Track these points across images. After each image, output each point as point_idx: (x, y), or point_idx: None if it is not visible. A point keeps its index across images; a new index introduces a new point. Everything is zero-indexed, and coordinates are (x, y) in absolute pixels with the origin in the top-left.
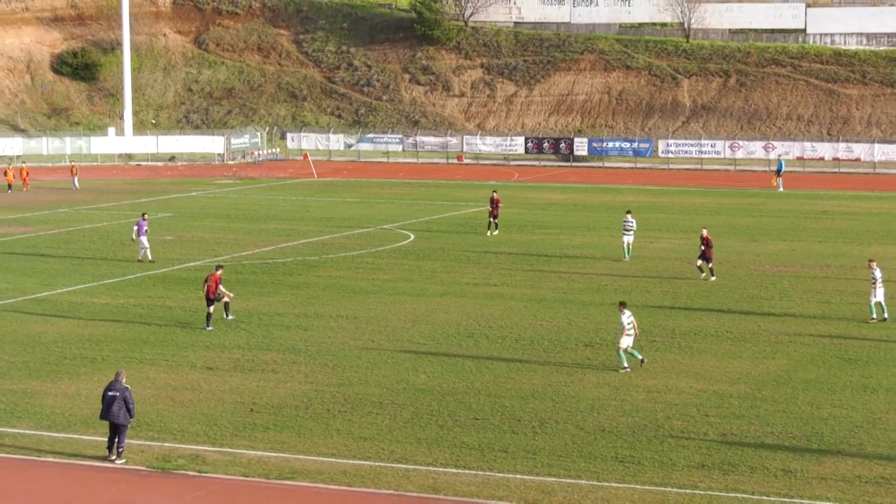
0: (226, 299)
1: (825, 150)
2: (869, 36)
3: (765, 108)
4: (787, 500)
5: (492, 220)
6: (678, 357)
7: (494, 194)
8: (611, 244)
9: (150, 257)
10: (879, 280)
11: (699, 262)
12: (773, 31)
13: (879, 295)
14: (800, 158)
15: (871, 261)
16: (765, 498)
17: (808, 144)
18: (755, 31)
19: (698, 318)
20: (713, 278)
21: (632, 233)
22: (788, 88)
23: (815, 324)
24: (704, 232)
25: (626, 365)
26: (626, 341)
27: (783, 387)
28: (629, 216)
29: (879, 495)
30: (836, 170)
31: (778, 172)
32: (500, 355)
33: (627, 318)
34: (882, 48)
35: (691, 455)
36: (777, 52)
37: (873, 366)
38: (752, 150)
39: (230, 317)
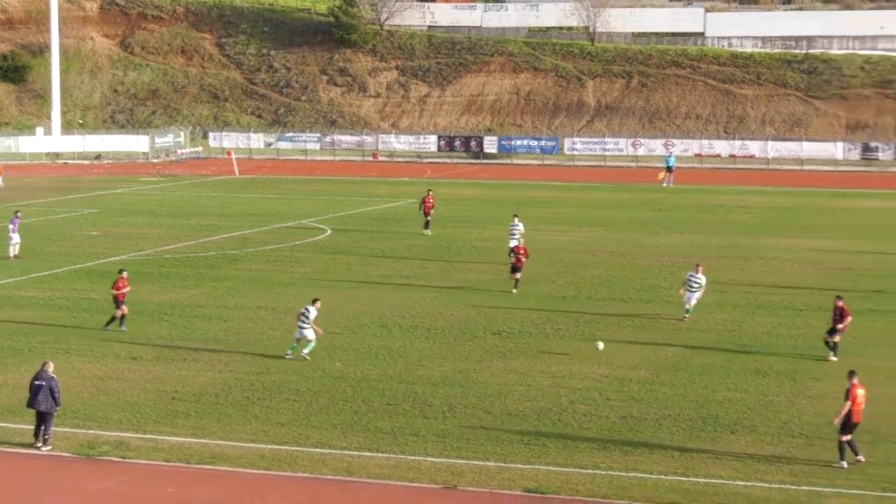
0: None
1: (722, 147)
2: (764, 39)
3: (665, 107)
4: (683, 478)
5: (426, 218)
6: (582, 344)
7: (429, 194)
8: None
9: (17, 253)
10: (701, 286)
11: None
12: (673, 34)
13: (693, 299)
14: (698, 155)
15: (697, 265)
16: (662, 477)
17: (705, 142)
18: (657, 34)
19: (600, 307)
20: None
21: (517, 236)
22: (688, 89)
23: (711, 311)
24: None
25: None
26: None
27: (681, 372)
28: (516, 220)
29: (770, 473)
30: (733, 166)
31: (668, 169)
32: (411, 344)
33: None
34: (776, 50)
35: (593, 437)
36: (677, 55)
37: (765, 352)
38: (653, 147)
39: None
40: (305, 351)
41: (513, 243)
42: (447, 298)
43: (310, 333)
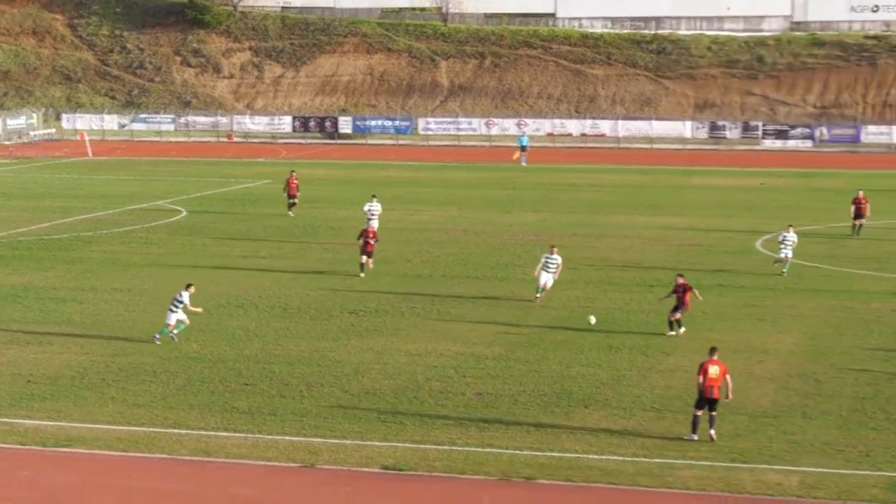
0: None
1: (573, 126)
2: (613, 20)
3: (517, 87)
4: (538, 453)
5: (291, 200)
6: (437, 322)
7: (293, 175)
8: None
9: None
10: (557, 266)
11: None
12: (525, 15)
13: (550, 280)
14: (550, 134)
15: (552, 247)
16: (518, 452)
17: (557, 121)
18: (508, 15)
19: (456, 285)
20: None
21: (376, 217)
22: (539, 69)
23: (564, 289)
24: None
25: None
26: None
27: (535, 348)
28: (374, 200)
29: (623, 446)
30: (584, 145)
31: (521, 148)
32: (268, 324)
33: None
34: (625, 31)
35: (450, 414)
36: (529, 35)
37: (618, 325)
38: (506, 126)
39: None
40: (176, 331)
41: (374, 224)
42: (303, 278)
43: (180, 317)
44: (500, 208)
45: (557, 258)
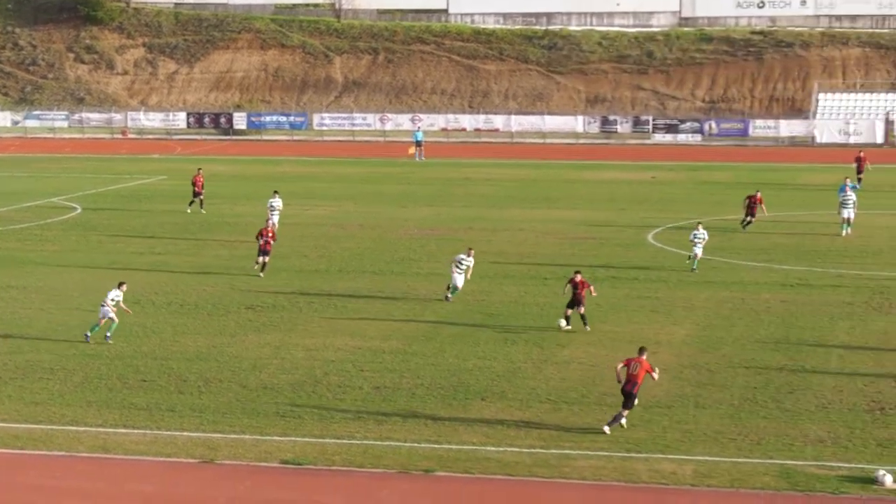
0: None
1: (467, 121)
2: (505, 16)
3: (411, 83)
4: (436, 445)
5: (196, 199)
6: (335, 317)
7: (199, 172)
8: (267, 213)
9: None
10: (469, 267)
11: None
12: (417, 11)
13: (461, 281)
14: (444, 129)
15: (469, 249)
16: (416, 445)
17: (451, 116)
18: (401, 11)
19: (353, 280)
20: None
21: (277, 213)
22: (433, 65)
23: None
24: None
25: None
26: None
27: (432, 342)
28: (276, 196)
29: (520, 437)
30: (478, 140)
31: (417, 144)
32: (165, 320)
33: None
34: (517, 27)
35: (348, 408)
36: (422, 31)
37: (513, 319)
38: (401, 122)
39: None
40: (109, 333)
41: (275, 219)
42: (200, 274)
43: (111, 315)
44: (395, 203)
45: (471, 260)
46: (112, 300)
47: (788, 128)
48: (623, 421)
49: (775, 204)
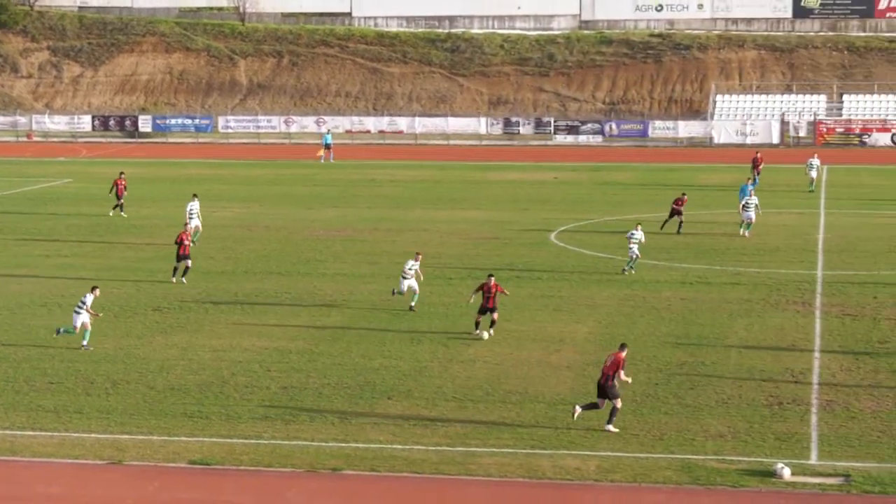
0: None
1: (371, 123)
2: (408, 19)
3: (316, 85)
4: (343, 444)
5: (117, 201)
6: (241, 318)
7: (121, 176)
8: (175, 215)
9: None
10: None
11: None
12: (321, 14)
13: (405, 286)
14: (349, 132)
15: (417, 254)
16: (323, 444)
17: (355, 118)
18: (305, 14)
19: (259, 281)
20: None
21: (196, 216)
22: (337, 67)
23: (365, 282)
24: None
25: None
26: None
27: (338, 342)
28: (195, 199)
29: (426, 436)
30: (382, 141)
31: (326, 146)
32: (72, 322)
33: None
34: (420, 30)
35: (255, 408)
36: (326, 34)
37: (419, 318)
38: (306, 124)
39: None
40: (85, 341)
41: (194, 223)
42: (107, 276)
43: (85, 320)
44: (301, 205)
45: (416, 264)
46: (82, 303)
47: (687, 129)
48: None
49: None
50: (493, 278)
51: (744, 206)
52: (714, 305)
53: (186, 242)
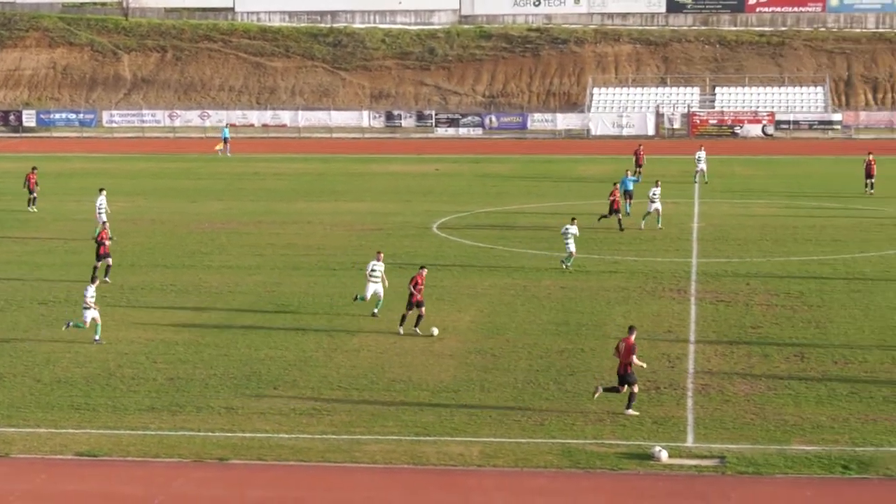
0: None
1: (255, 117)
2: (291, 14)
3: (200, 80)
4: (230, 434)
5: (30, 195)
6: (128, 310)
7: (33, 171)
8: (60, 209)
9: None
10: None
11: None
12: (204, 9)
13: (370, 291)
14: (233, 125)
15: (378, 253)
16: (210, 434)
17: (239, 112)
18: (188, 9)
19: (144, 274)
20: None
21: (104, 212)
22: (220, 62)
23: (251, 274)
24: None
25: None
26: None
27: (225, 333)
28: (102, 195)
29: (312, 424)
30: (266, 135)
31: (224, 140)
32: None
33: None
34: (303, 25)
35: (142, 399)
36: (209, 29)
37: (303, 310)
38: (189, 118)
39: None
40: (97, 336)
41: (102, 219)
42: None
43: (94, 315)
44: (186, 198)
45: (381, 265)
46: (91, 297)
47: (565, 121)
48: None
49: (553, 194)
50: (425, 270)
51: (650, 198)
52: (592, 293)
53: (106, 241)
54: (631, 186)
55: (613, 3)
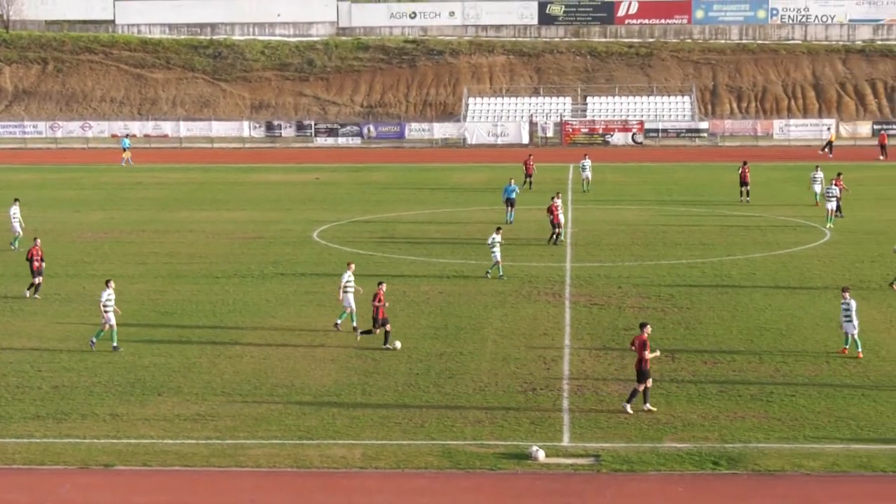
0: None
1: (137, 127)
2: (171, 26)
3: (81, 91)
4: (115, 440)
5: None
6: (11, 320)
7: None
8: None
9: None
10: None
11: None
12: (85, 22)
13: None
14: (114, 136)
15: (349, 263)
16: (95, 441)
17: (121, 123)
18: (69, 22)
19: (25, 284)
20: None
21: (18, 221)
22: (102, 73)
23: (134, 282)
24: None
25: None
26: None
27: (108, 340)
28: (16, 204)
29: (196, 430)
30: (148, 145)
31: (124, 149)
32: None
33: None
34: (183, 37)
35: (27, 408)
36: (90, 41)
37: (187, 317)
38: (71, 129)
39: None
40: (115, 343)
41: (17, 228)
42: None
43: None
44: (68, 208)
45: (351, 276)
46: (109, 302)
47: (441, 130)
48: (636, 403)
49: (430, 201)
50: (384, 285)
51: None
52: (470, 298)
53: (37, 259)
54: (514, 195)
55: (487, 15)
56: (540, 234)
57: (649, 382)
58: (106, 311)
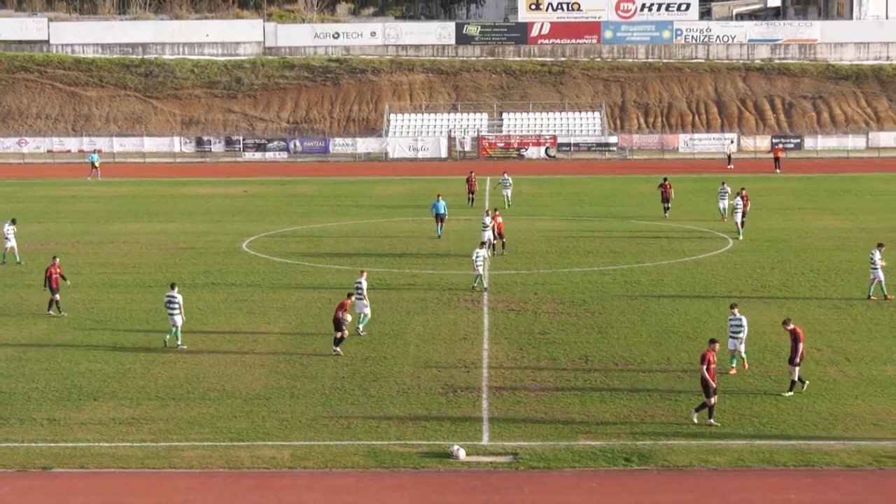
0: None
1: (72, 143)
2: (104, 46)
3: (17, 108)
4: (53, 444)
5: None
6: None
7: None
8: None
9: None
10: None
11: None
12: (20, 42)
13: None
14: (50, 152)
15: (362, 270)
16: (33, 444)
17: (56, 139)
18: (4, 41)
19: None
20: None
21: (13, 239)
22: (37, 91)
23: (70, 292)
24: None
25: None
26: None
27: (45, 348)
28: (13, 223)
29: (131, 433)
30: (83, 160)
31: (93, 165)
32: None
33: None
34: (115, 56)
35: None
36: (25, 61)
37: (121, 325)
38: (8, 145)
39: None
40: (180, 342)
41: (10, 244)
42: None
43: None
44: (4, 220)
45: (364, 282)
46: (176, 301)
47: (364, 145)
48: (702, 413)
49: (354, 213)
50: (351, 298)
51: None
52: (393, 305)
53: (55, 276)
54: (443, 210)
55: (407, 35)
56: (458, 244)
57: (713, 399)
58: (171, 313)
